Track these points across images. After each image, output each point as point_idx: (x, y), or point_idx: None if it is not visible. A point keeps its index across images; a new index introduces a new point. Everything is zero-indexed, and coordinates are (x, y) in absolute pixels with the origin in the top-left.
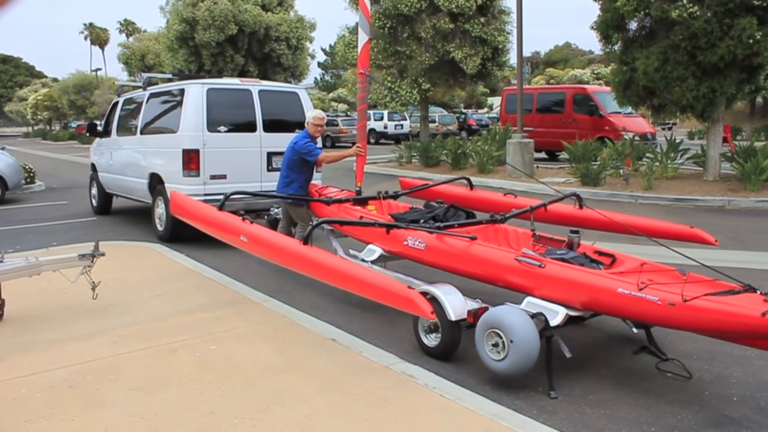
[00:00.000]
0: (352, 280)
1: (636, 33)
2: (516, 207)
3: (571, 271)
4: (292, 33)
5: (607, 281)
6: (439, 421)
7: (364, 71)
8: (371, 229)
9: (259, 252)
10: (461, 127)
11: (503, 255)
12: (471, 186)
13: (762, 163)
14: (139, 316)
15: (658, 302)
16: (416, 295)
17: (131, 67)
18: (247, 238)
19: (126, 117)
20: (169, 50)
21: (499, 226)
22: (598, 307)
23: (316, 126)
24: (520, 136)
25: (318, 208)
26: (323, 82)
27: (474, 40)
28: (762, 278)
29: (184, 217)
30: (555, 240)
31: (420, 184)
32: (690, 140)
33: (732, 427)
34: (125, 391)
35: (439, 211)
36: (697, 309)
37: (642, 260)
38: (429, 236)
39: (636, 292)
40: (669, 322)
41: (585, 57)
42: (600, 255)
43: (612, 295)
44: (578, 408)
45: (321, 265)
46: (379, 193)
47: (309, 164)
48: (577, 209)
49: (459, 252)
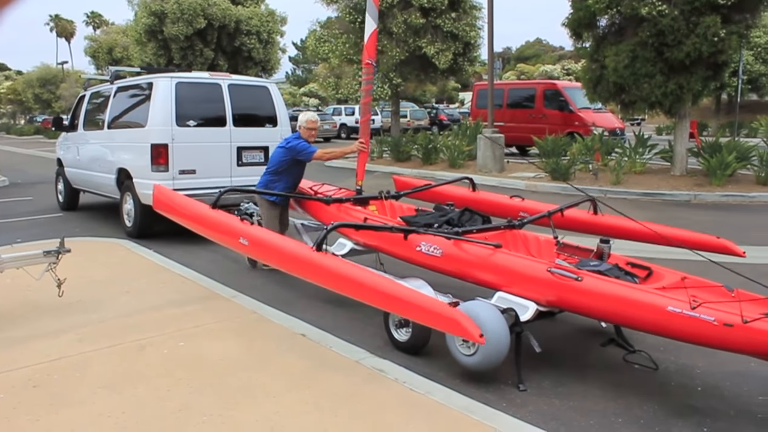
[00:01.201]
0: (381, 296)
1: (606, 30)
2: (524, 210)
3: (614, 286)
4: (263, 27)
5: (655, 298)
6: (409, 415)
7: (370, 61)
8: (384, 234)
9: (263, 257)
10: (432, 122)
11: (533, 265)
12: (474, 187)
13: (727, 159)
14: (107, 313)
15: (714, 323)
16: (461, 315)
17: (99, 60)
18: (248, 240)
19: (93, 111)
20: (138, 43)
21: (517, 231)
22: (642, 326)
23: (309, 130)
24: (490, 131)
25: (316, 207)
26: (294, 77)
27: (445, 35)
28: (727, 273)
29: (170, 214)
30: (581, 249)
31: (419, 184)
32: (658, 136)
33: (696, 417)
34: (92, 389)
35: (454, 215)
36: (759, 332)
37: (682, 274)
38: (446, 243)
39: (688, 311)
40: (724, 344)
41: (556, 53)
42: (633, 267)
43: (661, 314)
44: (547, 400)
45: (340, 276)
46: (381, 192)
47: (300, 166)
48: (593, 215)
49: (481, 261)
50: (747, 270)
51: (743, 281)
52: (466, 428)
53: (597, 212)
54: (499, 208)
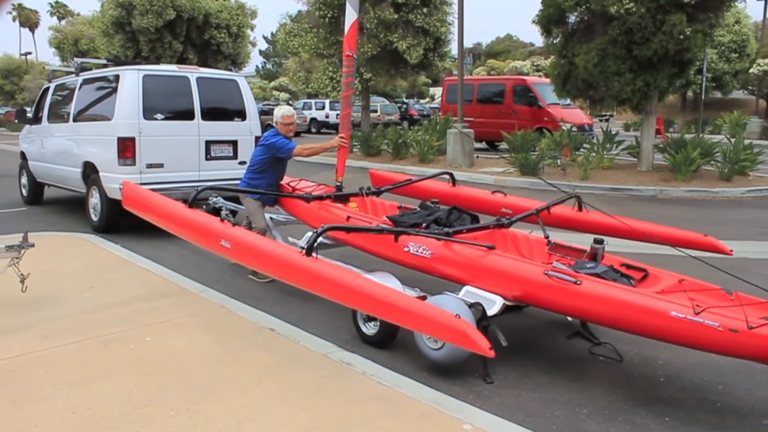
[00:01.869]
0: (384, 306)
1: (575, 27)
2: (506, 206)
3: (614, 290)
4: (233, 20)
5: (657, 303)
6: (376, 408)
7: (351, 53)
8: (374, 235)
9: (247, 261)
10: (403, 117)
11: (528, 268)
12: (454, 182)
13: (691, 155)
14: (71, 308)
15: (718, 329)
16: (468, 326)
17: (64, 51)
18: (231, 243)
19: (58, 103)
20: (105, 35)
21: (506, 230)
22: (643, 331)
23: (286, 125)
24: (460, 126)
25: (295, 204)
26: (265, 71)
27: (416, 30)
28: (693, 264)
29: (141, 212)
30: (574, 249)
31: (396, 178)
32: (625, 132)
33: (658, 407)
34: (56, 385)
35: (441, 213)
36: (766, 338)
37: (679, 276)
38: (436, 243)
39: (692, 316)
40: (729, 350)
41: (526, 49)
42: (629, 269)
43: (663, 319)
44: (514, 392)
45: (333, 283)
46: (362, 189)
47: (281, 163)
48: (578, 212)
49: (472, 263)
50: (719, 265)
51: (728, 279)
52: (433, 421)
53: (582, 209)
54: (481, 203)
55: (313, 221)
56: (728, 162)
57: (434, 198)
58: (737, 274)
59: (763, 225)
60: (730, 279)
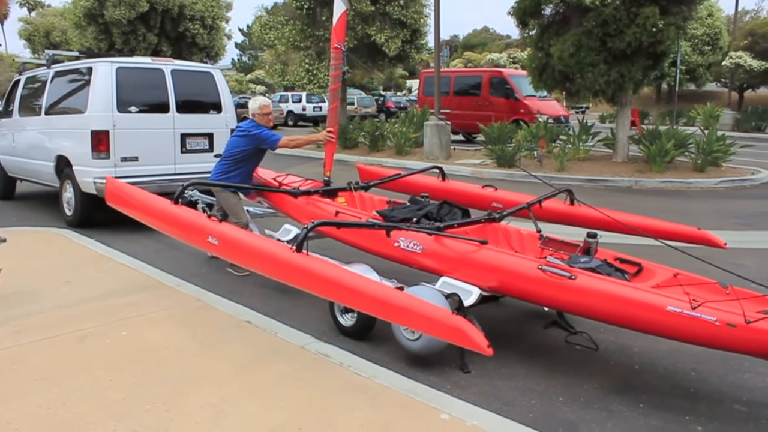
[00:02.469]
0: (372, 300)
1: (551, 19)
2: (497, 200)
3: (610, 285)
4: (207, 12)
5: (653, 298)
6: (354, 399)
7: (339, 45)
8: (363, 230)
9: (235, 258)
10: (380, 110)
11: (522, 263)
12: (443, 176)
13: (666, 146)
14: (45, 304)
15: (716, 323)
16: (465, 324)
17: (35, 44)
18: (218, 240)
19: (29, 96)
20: (77, 27)
21: (498, 225)
22: (639, 326)
23: (265, 116)
24: (437, 118)
25: (281, 199)
26: (241, 63)
27: (394, 22)
28: (670, 254)
29: (125, 208)
30: (567, 243)
31: (384, 173)
32: (601, 123)
33: (633, 394)
34: (30, 382)
35: (432, 208)
36: (765, 333)
37: (674, 270)
38: (427, 239)
39: (689, 311)
40: (727, 345)
41: (502, 41)
42: (623, 263)
43: (660, 314)
44: (490, 382)
45: (325, 280)
46: (350, 183)
47: (260, 154)
48: (570, 206)
49: (464, 258)
50: (699, 255)
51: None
52: (411, 411)
53: (574, 203)
54: (471, 198)
55: (300, 216)
56: (702, 153)
57: (424, 192)
58: (716, 264)
59: (737, 215)
60: (721, 273)
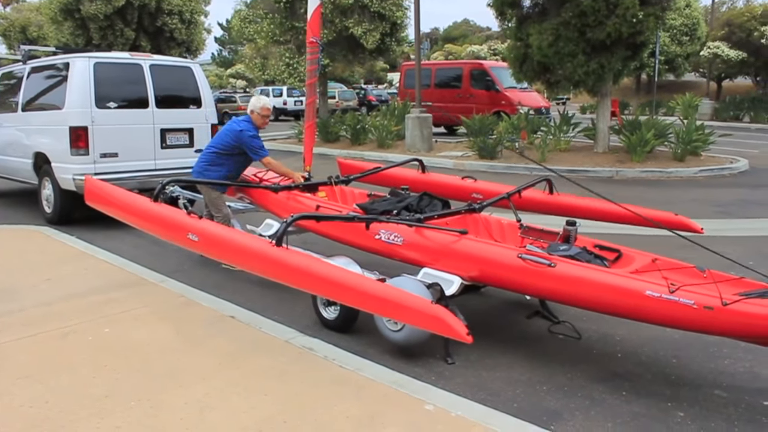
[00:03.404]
0: (352, 292)
1: (530, 10)
2: (477, 191)
3: (589, 271)
4: (185, 6)
5: (632, 283)
6: (339, 392)
7: (315, 39)
8: (344, 223)
9: (216, 254)
10: (361, 103)
11: (502, 252)
12: (423, 169)
13: (646, 136)
14: (26, 302)
15: (693, 306)
16: (445, 312)
17: (10, 39)
18: (198, 236)
19: (5, 93)
20: (53, 22)
21: (478, 215)
22: (619, 312)
23: (264, 117)
24: (418, 110)
25: (262, 195)
26: (221, 58)
27: (372, 15)
28: (649, 241)
29: (104, 207)
30: (546, 232)
31: (364, 167)
32: (582, 114)
33: (616, 381)
34: (11, 380)
35: (412, 200)
36: (740, 314)
37: (652, 255)
38: (408, 230)
39: (667, 294)
40: (705, 328)
41: (483, 33)
42: (602, 249)
43: (639, 299)
44: (475, 372)
45: (305, 273)
46: (330, 178)
47: (244, 158)
48: (548, 194)
49: (445, 248)
50: (678, 244)
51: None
52: (395, 402)
53: (553, 192)
54: (452, 189)
55: (281, 212)
56: (681, 143)
57: (404, 185)
58: (696, 252)
59: (716, 203)
60: (710, 256)
